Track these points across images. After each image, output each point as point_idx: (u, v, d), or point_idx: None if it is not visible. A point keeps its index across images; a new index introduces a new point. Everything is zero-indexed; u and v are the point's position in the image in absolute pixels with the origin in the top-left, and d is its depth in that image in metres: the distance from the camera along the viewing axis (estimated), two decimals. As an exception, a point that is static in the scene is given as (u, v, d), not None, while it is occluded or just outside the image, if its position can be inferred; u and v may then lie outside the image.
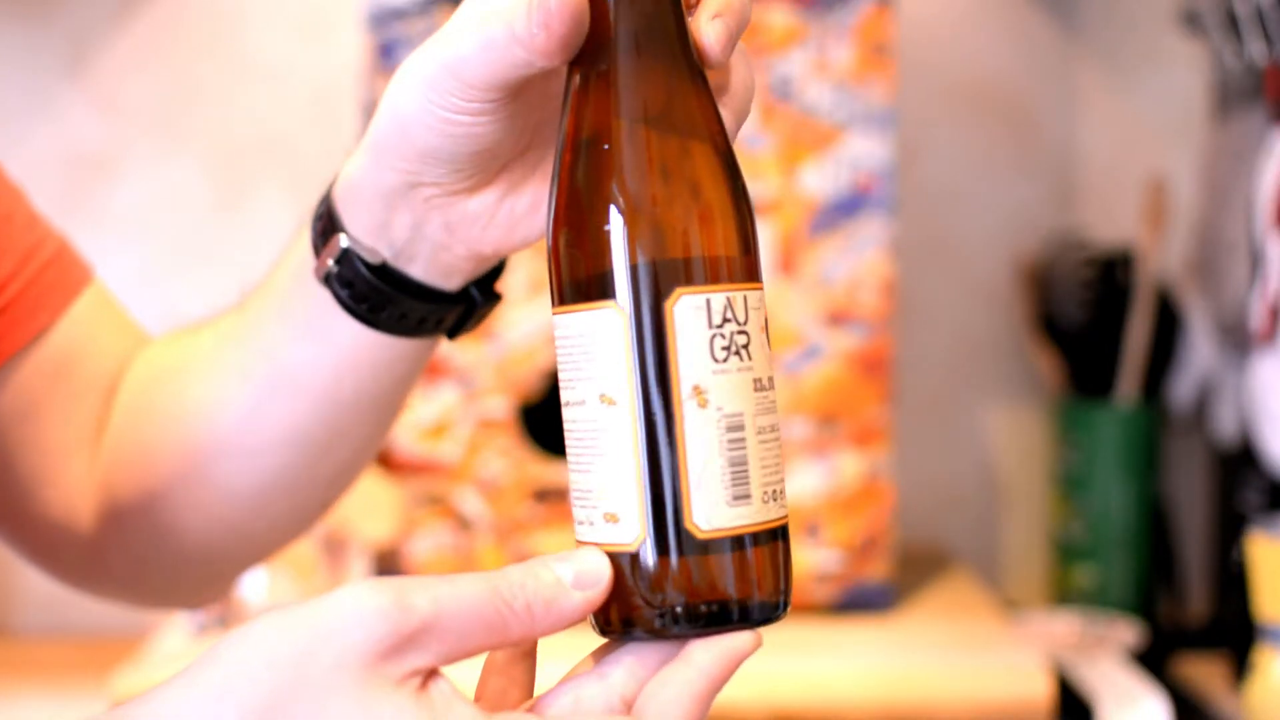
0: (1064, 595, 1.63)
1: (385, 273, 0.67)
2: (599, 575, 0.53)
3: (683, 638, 0.54)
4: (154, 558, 0.78)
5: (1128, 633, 1.50)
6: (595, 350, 0.54)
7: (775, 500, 0.55)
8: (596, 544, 0.55)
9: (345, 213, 0.67)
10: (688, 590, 0.54)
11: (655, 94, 0.56)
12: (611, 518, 0.55)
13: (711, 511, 0.54)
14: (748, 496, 0.54)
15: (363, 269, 0.67)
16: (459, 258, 0.67)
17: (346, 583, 0.51)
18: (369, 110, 1.31)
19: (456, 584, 0.51)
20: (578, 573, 0.53)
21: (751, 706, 1.24)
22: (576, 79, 0.56)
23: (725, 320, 0.54)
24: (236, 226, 1.66)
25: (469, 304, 0.69)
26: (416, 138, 0.61)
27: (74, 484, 0.77)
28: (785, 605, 0.55)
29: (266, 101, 1.66)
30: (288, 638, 0.49)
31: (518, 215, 0.65)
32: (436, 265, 0.67)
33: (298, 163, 1.66)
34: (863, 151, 1.37)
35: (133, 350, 0.79)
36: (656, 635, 0.54)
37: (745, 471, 0.54)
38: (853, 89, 1.37)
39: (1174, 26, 1.63)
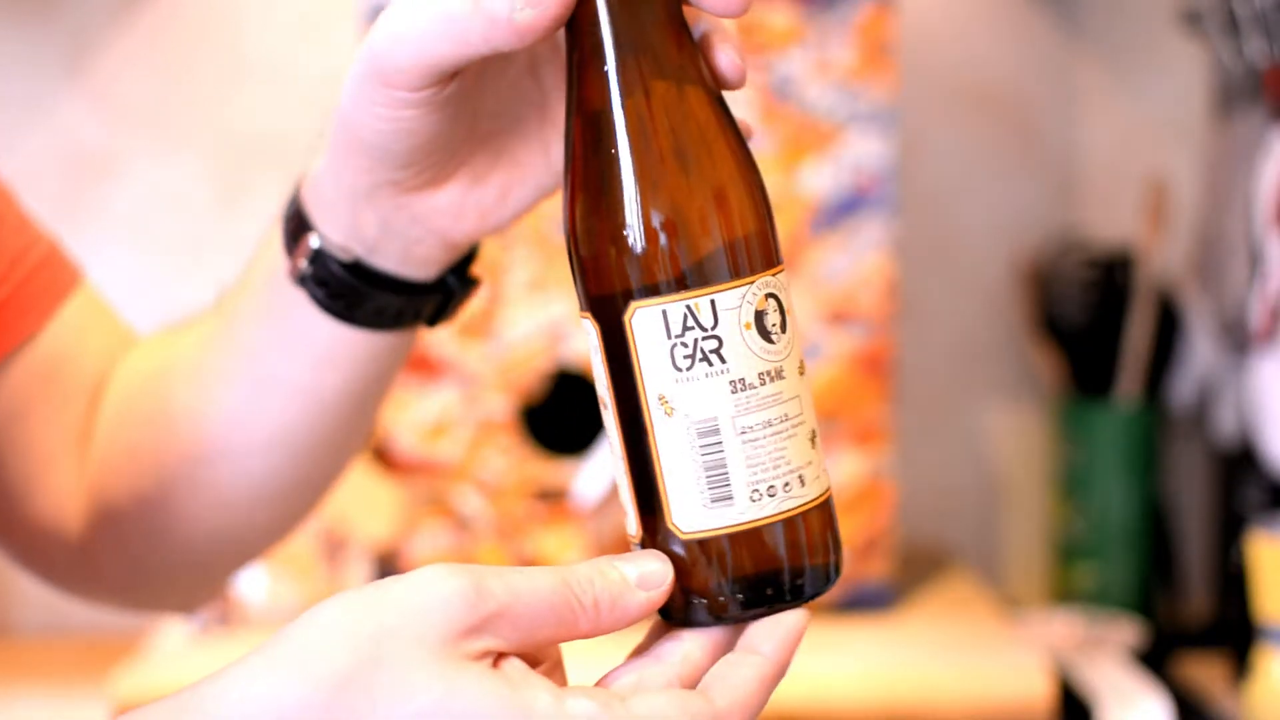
0: (1064, 595, 1.63)
1: (358, 269, 0.66)
2: (662, 577, 0.54)
3: (701, 627, 0.55)
4: (145, 562, 0.77)
5: (1128, 633, 1.50)
6: (592, 357, 0.56)
7: (772, 496, 0.54)
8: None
9: (314, 212, 0.66)
10: (686, 585, 0.55)
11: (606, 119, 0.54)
12: (624, 512, 0.57)
13: (690, 515, 0.54)
14: (729, 499, 0.54)
15: (335, 267, 0.66)
16: (432, 249, 0.66)
17: (420, 570, 0.52)
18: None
19: (530, 574, 0.52)
20: (641, 574, 0.54)
21: (751, 706, 1.24)
22: (575, 86, 0.55)
23: (687, 328, 0.53)
24: (236, 226, 1.66)
25: (446, 293, 0.68)
26: (361, 136, 0.61)
27: (62, 488, 0.76)
28: (805, 589, 0.55)
29: (266, 101, 1.66)
30: (367, 615, 0.50)
31: (487, 206, 0.64)
32: (410, 258, 0.66)
33: (297, 162, 1.66)
34: (863, 151, 1.37)
35: (121, 353, 0.78)
36: (675, 624, 0.56)
37: (724, 474, 0.54)
38: (853, 89, 1.37)
39: (1174, 26, 1.63)
